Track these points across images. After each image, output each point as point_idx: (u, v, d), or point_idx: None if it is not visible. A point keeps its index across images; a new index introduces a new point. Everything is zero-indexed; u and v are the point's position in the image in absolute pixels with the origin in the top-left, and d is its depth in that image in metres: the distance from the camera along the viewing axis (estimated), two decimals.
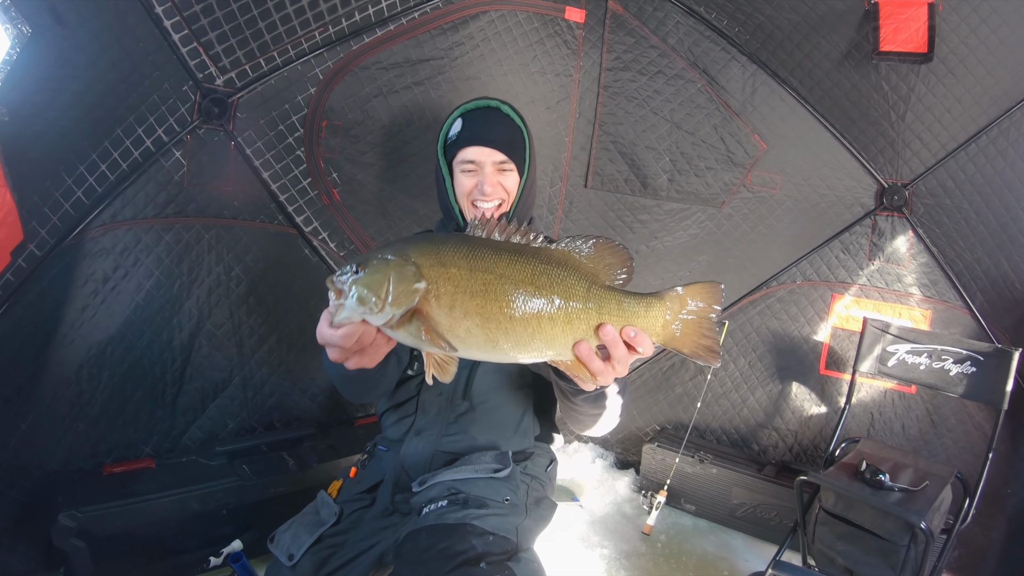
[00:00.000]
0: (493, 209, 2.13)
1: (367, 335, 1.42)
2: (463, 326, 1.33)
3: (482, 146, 2.13)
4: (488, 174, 2.13)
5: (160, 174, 2.84)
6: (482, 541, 1.84)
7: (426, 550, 1.76)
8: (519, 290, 1.33)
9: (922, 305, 3.42)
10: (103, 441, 2.85)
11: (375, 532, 2.00)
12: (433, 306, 1.33)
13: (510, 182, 2.17)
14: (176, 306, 2.99)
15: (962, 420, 3.32)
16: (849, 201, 3.54)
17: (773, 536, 3.42)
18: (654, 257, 3.81)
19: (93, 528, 2.51)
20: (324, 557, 1.97)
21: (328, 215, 3.30)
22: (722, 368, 3.83)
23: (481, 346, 1.35)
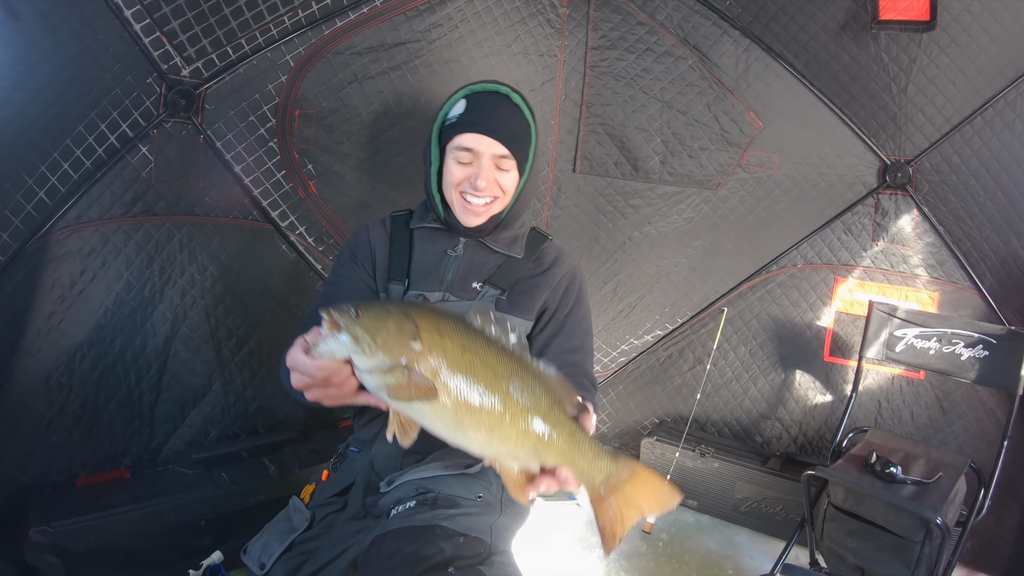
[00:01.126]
0: (483, 207, 2.05)
1: (339, 374, 1.51)
2: (439, 396, 1.41)
3: (483, 135, 2.02)
4: (485, 167, 2.03)
5: (126, 171, 2.79)
6: (451, 544, 1.80)
7: (391, 556, 1.73)
8: (497, 383, 1.43)
9: (929, 287, 3.39)
10: (77, 453, 2.81)
11: (347, 536, 1.96)
12: (418, 368, 1.41)
13: (508, 180, 2.08)
14: (149, 309, 2.95)
15: (973, 406, 3.31)
16: (850, 180, 3.52)
17: (779, 532, 3.41)
18: (648, 243, 3.78)
19: (66, 544, 2.49)
20: (296, 564, 1.94)
21: (305, 208, 3.27)
22: (722, 358, 3.82)
23: (446, 420, 1.44)
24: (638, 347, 3.98)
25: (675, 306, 3.90)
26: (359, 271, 2.18)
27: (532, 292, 2.11)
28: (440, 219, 2.15)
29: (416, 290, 2.09)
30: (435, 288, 2.09)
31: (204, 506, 2.81)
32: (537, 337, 2.14)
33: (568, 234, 3.73)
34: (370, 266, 2.18)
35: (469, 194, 2.05)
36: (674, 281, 3.86)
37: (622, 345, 3.97)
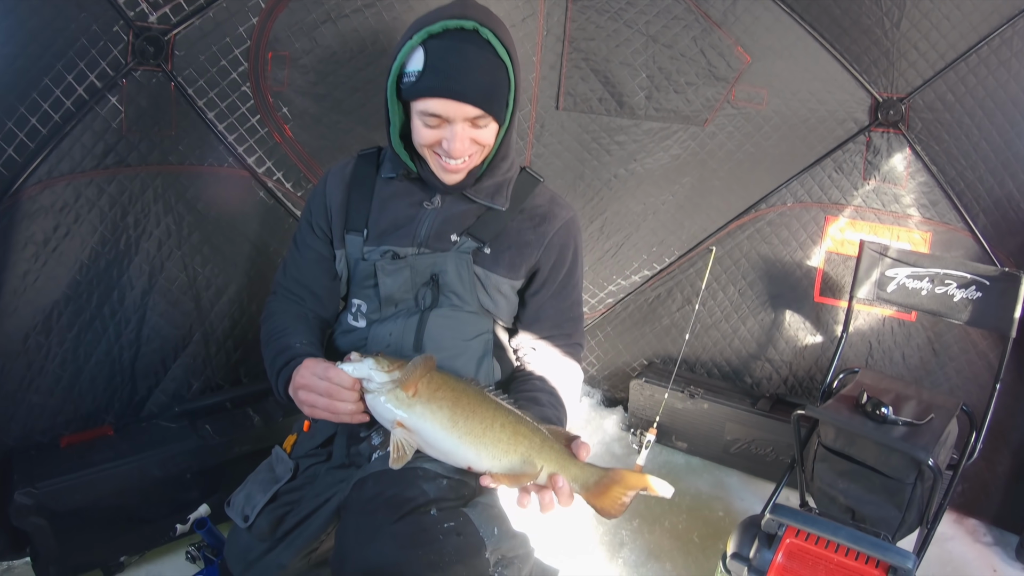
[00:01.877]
0: (461, 165, 1.93)
1: (338, 391, 1.71)
2: (437, 403, 1.65)
3: (451, 100, 1.79)
4: (458, 133, 1.84)
5: (96, 123, 2.74)
6: (434, 485, 1.82)
7: (372, 499, 1.75)
8: (488, 400, 1.69)
9: (921, 227, 3.40)
10: (60, 413, 2.83)
11: (331, 485, 2.00)
12: (423, 386, 1.67)
13: (486, 134, 1.90)
14: (125, 263, 2.94)
15: (965, 348, 3.35)
16: (841, 116, 3.49)
17: (769, 473, 3.49)
18: (634, 180, 3.77)
19: (51, 504, 2.51)
20: (280, 515, 1.99)
21: (281, 153, 3.22)
22: (711, 297, 3.83)
23: (444, 423, 1.65)
24: (626, 287, 3.99)
25: (663, 245, 3.89)
26: (316, 240, 2.16)
27: (521, 250, 2.05)
28: (411, 175, 2.06)
29: (387, 244, 2.04)
30: (407, 243, 2.04)
31: (189, 459, 2.84)
32: (531, 298, 2.12)
33: (552, 172, 3.70)
34: (325, 224, 2.14)
35: (443, 159, 1.91)
36: (661, 220, 3.85)
37: (609, 286, 3.98)
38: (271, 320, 2.13)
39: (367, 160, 2.18)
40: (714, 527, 3.22)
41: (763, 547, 2.27)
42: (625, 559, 3.00)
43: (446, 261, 2.00)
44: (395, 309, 2.06)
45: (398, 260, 2.02)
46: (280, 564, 1.99)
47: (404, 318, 2.04)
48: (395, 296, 2.04)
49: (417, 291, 2.04)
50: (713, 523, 3.25)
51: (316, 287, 2.18)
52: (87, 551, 2.64)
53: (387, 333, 2.04)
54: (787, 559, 2.22)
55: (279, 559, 1.99)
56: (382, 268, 2.02)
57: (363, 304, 2.11)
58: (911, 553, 2.12)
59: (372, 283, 2.06)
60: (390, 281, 2.03)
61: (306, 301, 2.18)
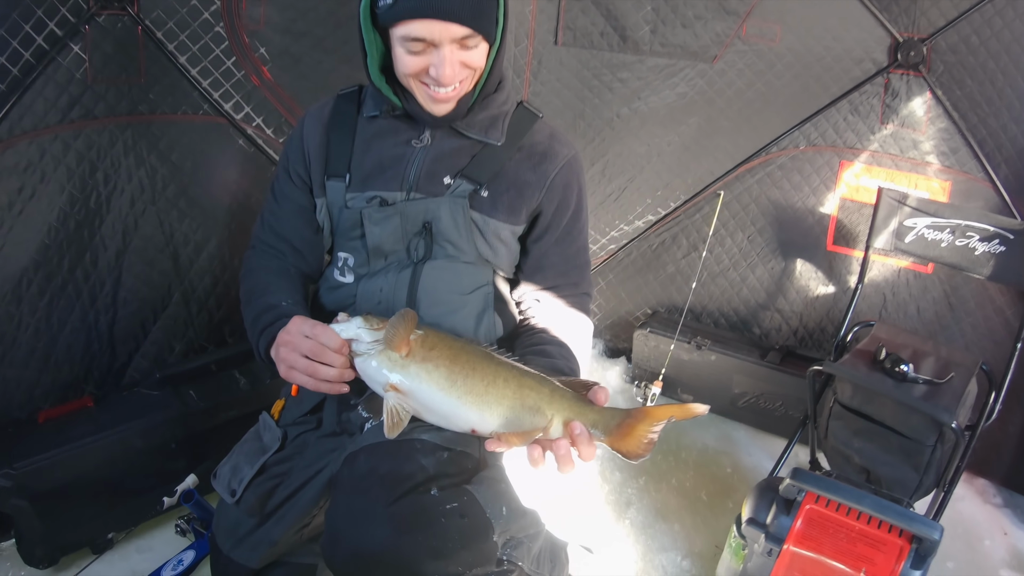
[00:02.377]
0: (452, 93, 1.76)
1: (324, 351, 1.60)
2: (434, 362, 1.55)
3: (435, 19, 1.62)
4: (446, 57, 1.66)
5: (59, 74, 2.59)
6: (434, 459, 1.73)
7: (365, 476, 1.66)
8: (489, 355, 1.60)
9: (940, 175, 3.30)
10: (37, 386, 2.73)
11: (322, 455, 1.91)
12: (417, 347, 1.57)
13: (476, 56, 1.73)
14: (97, 222, 2.82)
15: (982, 304, 3.29)
16: (859, 56, 3.34)
17: (778, 428, 3.46)
18: (637, 120, 3.61)
19: (32, 484, 2.44)
20: (269, 488, 1.91)
21: (260, 97, 3.08)
22: (718, 244, 3.74)
23: (442, 382, 1.55)
24: (629, 233, 3.89)
25: (668, 189, 3.77)
26: (294, 189, 2.01)
27: (520, 191, 1.90)
28: (398, 108, 1.89)
29: (373, 190, 1.89)
30: (395, 187, 1.88)
31: (173, 428, 2.76)
32: (534, 245, 1.98)
33: (551, 112, 3.52)
34: (304, 171, 1.99)
35: (433, 88, 1.74)
36: (666, 162, 3.72)
37: (611, 231, 3.88)
38: (251, 276, 2.00)
39: (347, 99, 2.01)
40: (722, 484, 3.20)
41: (781, 513, 2.24)
42: (632, 520, 2.97)
43: (440, 207, 1.86)
44: (385, 262, 1.93)
45: (386, 207, 1.87)
46: (271, 540, 1.92)
47: (395, 272, 1.91)
48: (384, 247, 1.90)
49: (409, 241, 1.89)
50: (721, 480, 3.23)
51: (297, 240, 2.03)
52: (73, 529, 2.57)
53: (377, 289, 1.91)
54: (806, 526, 2.19)
55: (270, 535, 1.92)
56: (369, 216, 1.86)
57: (350, 257, 1.97)
58: (938, 524, 2.09)
59: (358, 233, 1.91)
60: (378, 230, 1.87)
61: (287, 256, 2.04)
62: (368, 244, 1.90)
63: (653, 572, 2.74)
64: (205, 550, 2.59)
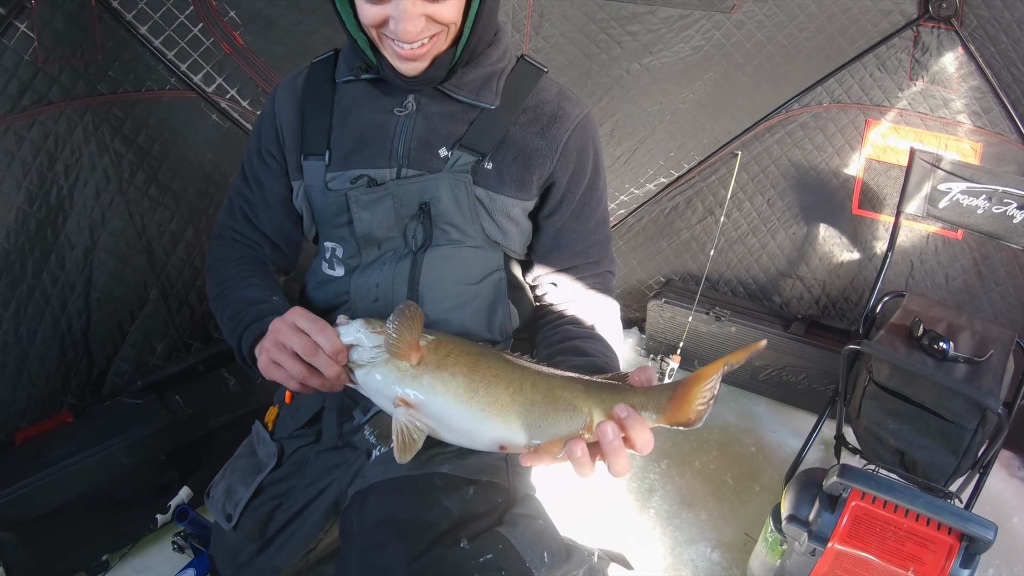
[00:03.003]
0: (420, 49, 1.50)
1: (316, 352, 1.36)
2: (449, 370, 1.34)
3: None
4: (406, 8, 1.41)
5: (5, 58, 2.36)
6: (458, 499, 1.53)
7: (380, 525, 1.46)
8: (509, 358, 1.38)
9: (971, 136, 3.19)
10: (11, 403, 2.55)
11: (324, 473, 1.73)
12: (429, 355, 1.35)
13: (445, 10, 1.46)
14: (60, 219, 2.63)
15: (1012, 273, 3.23)
16: (887, 7, 3.16)
17: (800, 401, 3.41)
18: (649, 77, 3.40)
19: (15, 514, 2.30)
20: (268, 512, 1.73)
21: (233, 66, 2.89)
22: (736, 208, 3.63)
23: (461, 394, 1.33)
24: (640, 197, 3.74)
25: (681, 149, 3.61)
26: (267, 170, 1.78)
27: (529, 160, 1.65)
28: (372, 68, 1.63)
29: (357, 168, 1.65)
30: (383, 163, 1.64)
31: (160, 439, 2.61)
32: (547, 221, 1.74)
33: (555, 68, 3.26)
34: (277, 149, 1.75)
35: (394, 43, 1.49)
36: (680, 121, 3.54)
37: (621, 196, 3.71)
38: (223, 268, 1.77)
39: (323, 66, 1.75)
40: (747, 465, 3.14)
41: (825, 510, 2.16)
42: (656, 509, 2.89)
43: (438, 184, 1.62)
44: (378, 251, 1.70)
45: (375, 187, 1.63)
46: (274, 568, 1.74)
47: (392, 263, 1.68)
48: (376, 234, 1.67)
49: (405, 226, 1.66)
50: (746, 460, 3.17)
51: (274, 233, 1.82)
52: (65, 556, 2.47)
53: (373, 284, 1.69)
54: (852, 523, 2.12)
55: (272, 562, 1.74)
56: (356, 200, 1.63)
57: (337, 247, 1.74)
58: (992, 523, 2.02)
59: (345, 220, 1.69)
60: (367, 216, 1.64)
61: (263, 248, 1.83)
62: (357, 232, 1.67)
63: (683, 568, 2.67)
64: (206, 567, 2.42)
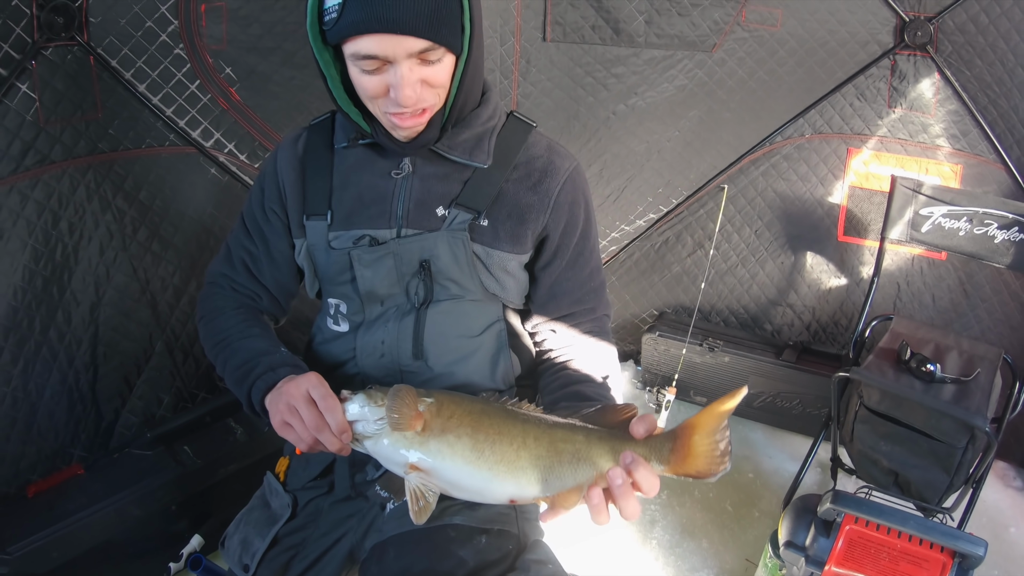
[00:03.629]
0: (417, 116, 1.55)
1: (324, 431, 1.41)
2: (454, 432, 1.38)
3: (386, 33, 1.40)
4: (404, 76, 1.44)
5: (7, 119, 2.42)
6: (472, 549, 1.58)
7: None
8: (511, 413, 1.42)
9: (951, 159, 3.25)
10: (22, 458, 2.58)
11: (339, 523, 1.76)
12: (433, 418, 1.39)
13: (440, 72, 1.50)
14: (66, 276, 2.67)
15: (997, 290, 3.28)
16: (864, 38, 3.25)
17: (795, 425, 3.45)
18: (635, 117, 3.48)
19: (28, 568, 2.32)
20: (285, 562, 1.74)
21: (230, 121, 2.96)
22: (725, 240, 3.68)
23: (466, 456, 1.39)
24: (630, 233, 3.79)
25: (669, 186, 3.67)
26: (269, 227, 1.81)
27: (523, 216, 1.69)
28: (367, 135, 1.68)
29: (359, 228, 1.69)
30: (383, 224, 1.68)
31: (170, 491, 2.63)
32: (543, 272, 1.78)
33: (543, 113, 3.39)
34: (280, 208, 1.79)
35: (393, 113, 1.53)
36: (667, 158, 3.61)
37: (612, 233, 3.77)
38: (223, 318, 1.79)
39: (320, 130, 1.81)
40: (746, 492, 3.16)
41: (820, 535, 2.19)
42: (658, 539, 2.92)
43: (437, 243, 1.66)
44: (381, 307, 1.74)
45: (377, 247, 1.68)
46: None
47: (396, 320, 1.73)
48: (378, 291, 1.72)
49: (407, 283, 1.71)
50: (744, 487, 3.20)
51: (274, 286, 1.86)
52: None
53: (378, 341, 1.73)
54: (848, 547, 2.15)
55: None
56: (358, 258, 1.68)
57: (341, 304, 1.79)
58: (982, 540, 2.05)
59: (348, 277, 1.73)
60: (370, 274, 1.69)
61: (262, 300, 1.86)
62: (360, 289, 1.72)
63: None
64: None
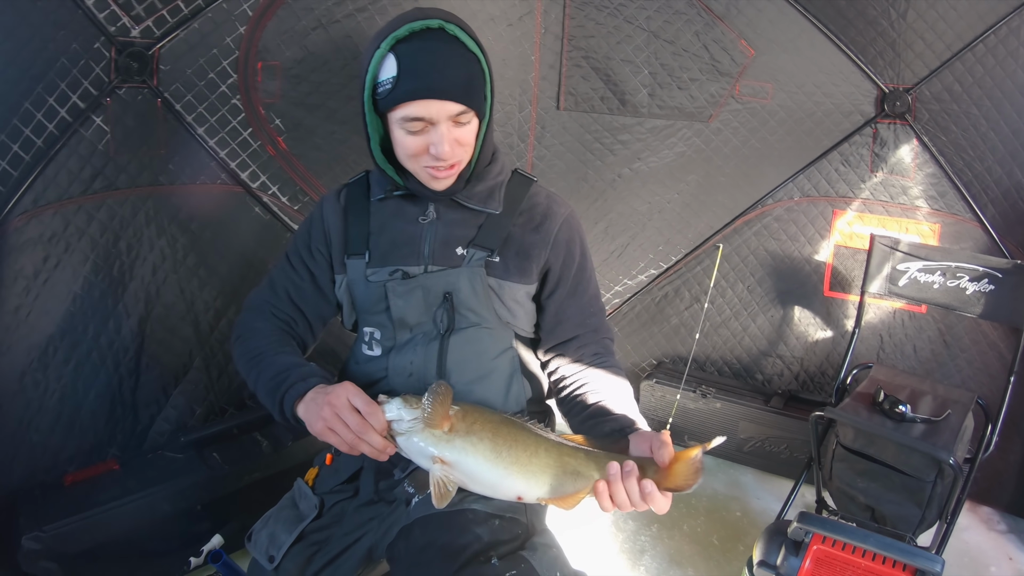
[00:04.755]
0: (451, 170, 1.84)
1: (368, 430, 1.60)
2: (477, 435, 1.59)
3: (432, 99, 1.69)
4: (443, 134, 1.73)
5: (82, 146, 2.65)
6: (487, 528, 1.76)
7: (424, 549, 1.67)
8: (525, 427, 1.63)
9: (930, 219, 3.37)
10: (62, 450, 2.75)
11: (360, 524, 1.92)
12: (457, 423, 1.60)
13: (468, 133, 1.80)
14: (120, 290, 2.85)
15: (976, 340, 3.34)
16: (847, 109, 3.45)
17: (784, 470, 3.49)
18: (639, 180, 3.70)
19: (60, 547, 2.44)
20: (308, 556, 1.89)
21: (276, 167, 3.15)
22: (719, 295, 3.80)
23: (487, 457, 1.59)
24: (632, 287, 3.94)
25: (669, 244, 3.84)
26: (314, 263, 2.05)
27: (527, 253, 1.95)
28: (400, 187, 1.95)
29: (393, 264, 1.94)
30: (413, 262, 1.93)
31: (198, 491, 2.77)
32: (548, 301, 2.01)
33: (555, 174, 3.63)
34: (325, 249, 2.04)
35: (431, 167, 1.81)
36: (667, 218, 3.80)
37: (616, 286, 3.93)
38: (257, 337, 1.99)
39: (358, 186, 2.09)
40: (733, 528, 3.22)
41: (790, 555, 2.25)
42: (647, 567, 2.98)
43: (459, 277, 1.91)
44: (410, 333, 1.96)
45: (408, 280, 1.92)
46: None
47: (423, 345, 1.94)
48: (408, 319, 1.94)
49: (433, 312, 1.94)
50: (732, 524, 3.25)
51: (311, 313, 2.08)
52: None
53: (407, 362, 1.94)
54: (815, 566, 2.21)
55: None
56: (392, 290, 1.92)
57: (376, 331, 2.00)
58: (939, 557, 2.12)
59: (383, 307, 1.96)
60: (402, 303, 1.93)
61: (298, 325, 2.07)
62: (393, 316, 1.94)
63: None
64: None
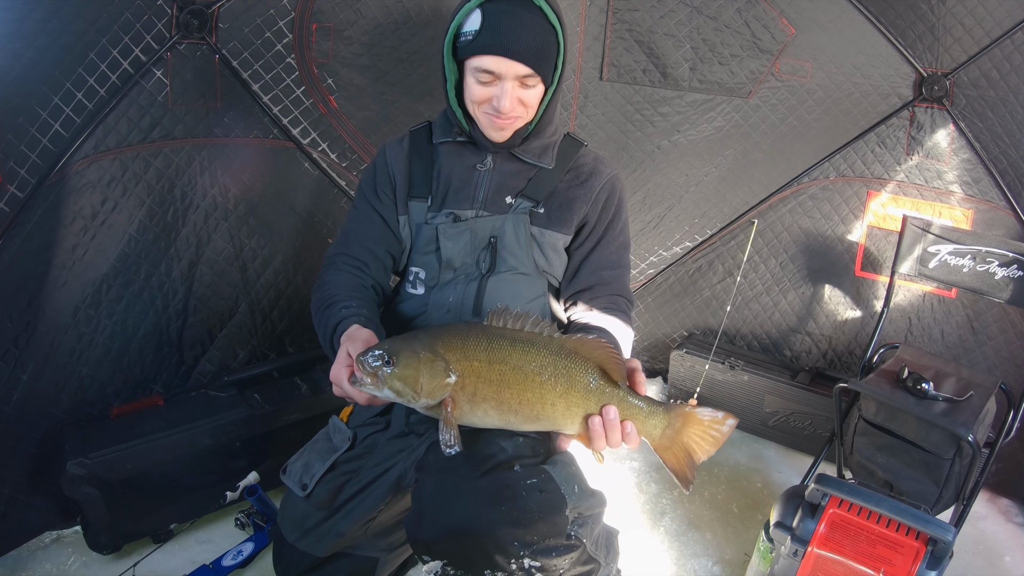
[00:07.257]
0: (509, 122, 1.97)
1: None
2: (481, 408, 1.63)
3: (504, 57, 1.84)
4: (508, 90, 1.88)
5: (142, 97, 2.70)
6: (512, 443, 1.82)
7: (452, 458, 1.69)
8: (529, 380, 1.61)
9: (963, 204, 3.29)
10: (109, 383, 2.81)
11: (391, 455, 2.00)
12: (458, 394, 1.61)
13: (533, 96, 1.94)
14: (172, 235, 2.92)
15: (1004, 328, 3.26)
16: (885, 91, 3.36)
17: (807, 447, 3.45)
18: (677, 152, 3.65)
19: (103, 474, 2.49)
20: (339, 484, 2.00)
21: (326, 124, 3.18)
22: (752, 270, 3.76)
23: (495, 423, 1.66)
24: (667, 259, 3.90)
25: (704, 217, 3.79)
26: (381, 205, 2.11)
27: (570, 205, 2.05)
28: (464, 133, 2.06)
29: (448, 208, 2.04)
30: (466, 206, 2.04)
31: (238, 427, 2.81)
32: (575, 252, 2.10)
33: (596, 143, 3.54)
34: (390, 191, 2.11)
35: (493, 117, 1.94)
36: (704, 192, 3.75)
37: (651, 257, 3.89)
38: (327, 287, 2.05)
39: (420, 133, 2.18)
40: (752, 498, 3.19)
41: (806, 517, 2.24)
42: (667, 528, 2.97)
43: (505, 223, 2.02)
44: (453, 274, 2.06)
45: (459, 223, 2.02)
46: (339, 532, 2.01)
47: (463, 284, 2.04)
48: (455, 260, 2.04)
49: (478, 255, 2.04)
50: (752, 494, 3.21)
51: (381, 253, 2.13)
52: (137, 519, 2.63)
53: (447, 299, 2.04)
54: (830, 529, 2.19)
55: (338, 527, 2.01)
56: (444, 232, 2.02)
57: (421, 271, 2.09)
58: (951, 525, 2.11)
59: (433, 247, 2.06)
60: (451, 245, 2.02)
61: (370, 268, 2.12)
62: (442, 256, 2.03)
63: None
64: (264, 542, 2.64)
